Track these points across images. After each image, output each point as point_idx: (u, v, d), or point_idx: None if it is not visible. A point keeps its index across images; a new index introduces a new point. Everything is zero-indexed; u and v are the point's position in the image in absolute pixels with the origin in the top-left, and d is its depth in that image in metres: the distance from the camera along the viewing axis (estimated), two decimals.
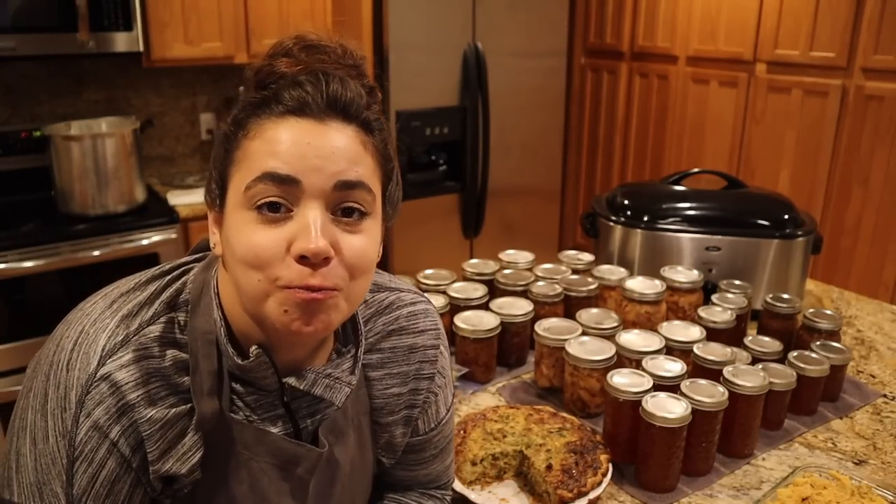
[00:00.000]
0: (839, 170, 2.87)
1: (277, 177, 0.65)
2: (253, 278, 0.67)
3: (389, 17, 2.99)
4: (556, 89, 3.65)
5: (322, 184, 0.66)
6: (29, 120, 2.81)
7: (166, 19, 2.67)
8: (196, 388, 0.71)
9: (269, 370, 0.73)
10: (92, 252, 2.44)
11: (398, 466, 0.94)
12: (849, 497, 1.04)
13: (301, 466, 0.77)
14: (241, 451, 0.75)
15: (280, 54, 0.71)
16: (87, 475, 0.68)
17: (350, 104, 0.68)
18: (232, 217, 0.69)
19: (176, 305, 0.74)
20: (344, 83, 0.69)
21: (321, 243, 0.65)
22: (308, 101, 0.67)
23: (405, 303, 0.87)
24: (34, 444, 0.68)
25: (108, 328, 0.70)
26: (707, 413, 1.12)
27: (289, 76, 0.69)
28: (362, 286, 0.72)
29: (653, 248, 1.71)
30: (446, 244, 3.45)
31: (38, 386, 0.70)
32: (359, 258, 0.69)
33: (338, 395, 0.76)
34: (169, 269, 0.79)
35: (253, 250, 0.66)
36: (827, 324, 1.43)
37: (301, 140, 0.66)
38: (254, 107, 0.69)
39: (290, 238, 0.66)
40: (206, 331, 0.73)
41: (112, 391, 0.68)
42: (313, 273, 0.66)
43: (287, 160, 0.65)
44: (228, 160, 0.70)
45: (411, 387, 0.87)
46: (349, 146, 0.68)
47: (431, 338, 0.88)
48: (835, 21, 2.79)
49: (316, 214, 0.66)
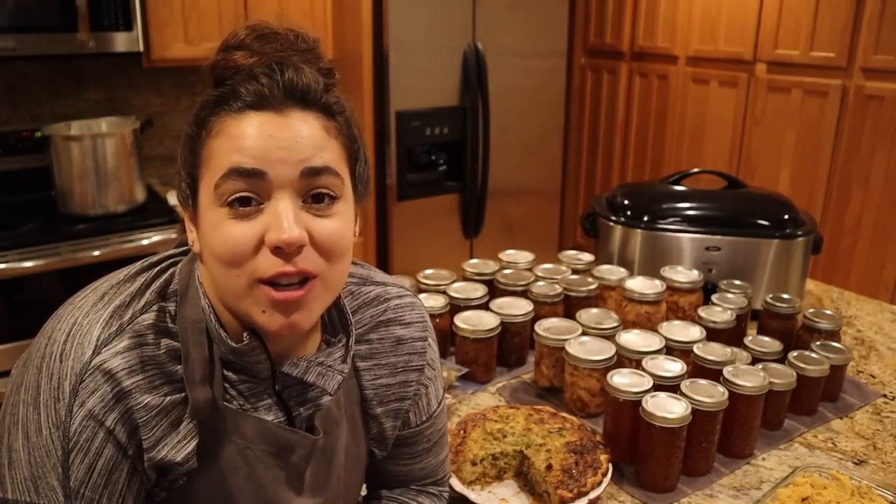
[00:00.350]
0: (839, 170, 2.87)
1: (244, 171, 0.66)
2: (232, 275, 0.68)
3: (389, 17, 2.99)
4: (556, 89, 3.65)
5: (289, 173, 0.67)
6: (29, 120, 2.81)
7: (166, 19, 2.67)
8: (188, 376, 0.72)
9: (262, 355, 0.74)
10: (92, 252, 2.44)
11: (392, 461, 0.94)
12: (849, 497, 1.04)
13: (296, 454, 0.78)
14: (236, 440, 0.75)
15: (234, 47, 0.71)
16: (84, 465, 0.67)
17: (308, 91, 0.69)
18: (206, 216, 0.69)
19: (166, 295, 0.75)
20: (299, 71, 0.69)
21: (294, 232, 0.66)
22: (265, 93, 0.67)
23: (392, 296, 0.88)
24: (27, 437, 0.68)
25: (101, 318, 0.71)
26: (707, 413, 1.12)
27: (244, 68, 0.69)
28: (341, 270, 0.72)
29: (653, 248, 1.71)
30: (446, 244, 3.45)
31: (29, 379, 0.70)
32: (333, 242, 0.70)
33: (330, 383, 0.77)
34: (157, 261, 0.80)
35: (228, 247, 0.67)
36: (827, 324, 1.43)
37: (263, 133, 0.67)
38: (213, 105, 0.69)
39: (263, 230, 0.67)
40: (195, 319, 0.73)
41: (107, 379, 0.68)
42: (288, 262, 0.67)
43: (251, 154, 0.66)
44: (195, 161, 0.70)
45: (400, 379, 0.87)
46: (312, 133, 0.68)
47: (419, 330, 0.89)
48: (835, 21, 2.79)
49: (286, 205, 0.67)
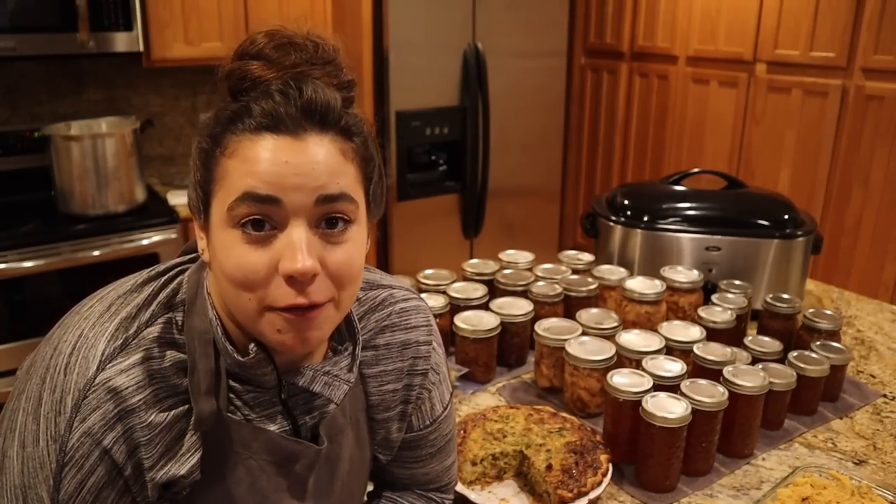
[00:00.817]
0: (839, 170, 2.87)
1: (258, 197, 0.65)
2: (243, 297, 0.68)
3: (389, 17, 2.99)
4: (556, 89, 3.65)
5: (304, 200, 0.66)
6: (29, 120, 2.81)
7: (166, 19, 2.67)
8: (194, 387, 0.71)
9: (268, 366, 0.73)
10: (92, 252, 2.44)
11: (396, 465, 0.94)
12: (849, 497, 1.04)
13: (299, 463, 0.78)
14: (240, 451, 0.75)
15: (251, 56, 0.69)
16: (76, 481, 0.67)
17: (326, 111, 0.67)
18: (218, 235, 0.68)
19: (173, 306, 0.74)
20: (317, 89, 0.67)
21: (308, 263, 0.65)
22: (282, 114, 0.65)
23: (397, 299, 0.88)
24: (22, 447, 0.68)
25: (106, 332, 0.70)
26: (707, 413, 1.12)
27: (260, 83, 0.68)
28: (351, 293, 0.72)
29: (653, 248, 1.71)
30: (446, 244, 3.45)
31: (31, 389, 0.69)
32: (345, 270, 0.69)
33: (337, 392, 0.77)
34: (164, 269, 0.79)
35: (242, 273, 0.66)
36: (827, 324, 1.43)
37: (279, 159, 0.65)
38: (227, 121, 0.68)
39: (277, 258, 0.66)
40: (202, 330, 0.73)
41: (110, 397, 0.67)
42: (301, 293, 0.66)
43: (266, 179, 0.65)
44: (209, 176, 0.69)
45: (405, 382, 0.87)
46: (328, 159, 0.67)
47: (423, 334, 0.88)
48: (835, 21, 2.79)
49: (300, 233, 0.66)
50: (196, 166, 0.71)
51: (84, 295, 0.77)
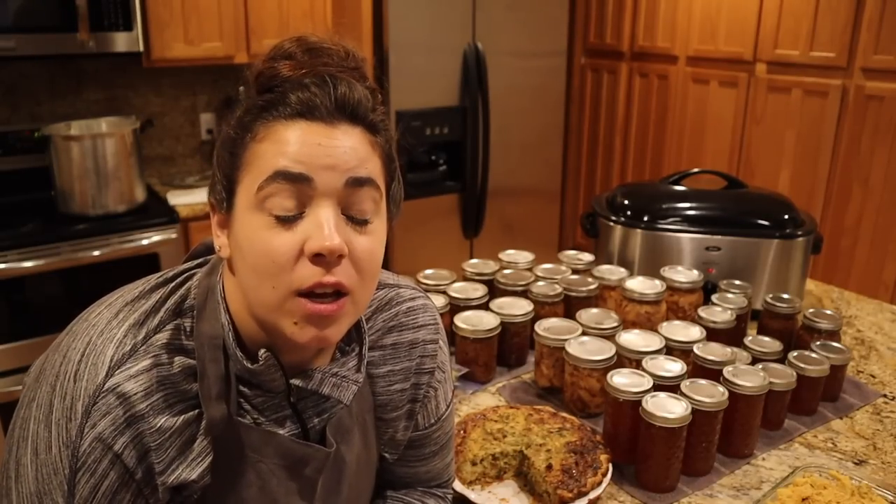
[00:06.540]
0: (839, 170, 2.87)
1: (290, 175, 0.66)
2: (266, 286, 0.67)
3: (389, 17, 2.99)
4: (556, 89, 3.65)
5: (334, 181, 0.67)
6: (29, 120, 2.81)
7: (166, 19, 2.67)
8: (204, 393, 0.71)
9: (277, 372, 0.73)
10: (92, 252, 2.44)
11: (399, 463, 0.94)
12: (849, 497, 1.04)
13: (309, 466, 0.78)
14: (250, 454, 0.75)
15: (281, 57, 0.70)
16: (89, 486, 0.68)
17: (358, 106, 0.69)
18: (243, 220, 0.69)
19: (181, 312, 0.74)
20: (351, 86, 0.69)
21: (336, 240, 0.65)
22: (317, 103, 0.67)
23: (404, 299, 0.88)
24: (35, 454, 0.68)
25: (115, 338, 0.70)
26: (707, 413, 1.12)
27: (292, 80, 0.69)
28: (369, 289, 0.72)
29: (653, 248, 1.71)
30: (446, 244, 3.45)
31: (42, 396, 0.70)
32: (369, 258, 0.70)
33: (345, 394, 0.77)
34: (172, 275, 0.79)
35: (268, 255, 0.66)
36: (827, 324, 1.43)
37: (311, 140, 0.66)
38: (259, 109, 0.69)
39: (304, 239, 0.66)
40: (212, 335, 0.73)
41: (120, 402, 0.68)
42: (327, 272, 0.66)
43: (298, 159, 0.66)
44: (236, 164, 0.70)
45: (413, 381, 0.88)
46: (358, 146, 0.68)
47: (431, 332, 0.89)
48: (835, 21, 2.79)
49: (329, 213, 0.67)
50: (220, 157, 0.72)
51: (84, 295, 0.77)
